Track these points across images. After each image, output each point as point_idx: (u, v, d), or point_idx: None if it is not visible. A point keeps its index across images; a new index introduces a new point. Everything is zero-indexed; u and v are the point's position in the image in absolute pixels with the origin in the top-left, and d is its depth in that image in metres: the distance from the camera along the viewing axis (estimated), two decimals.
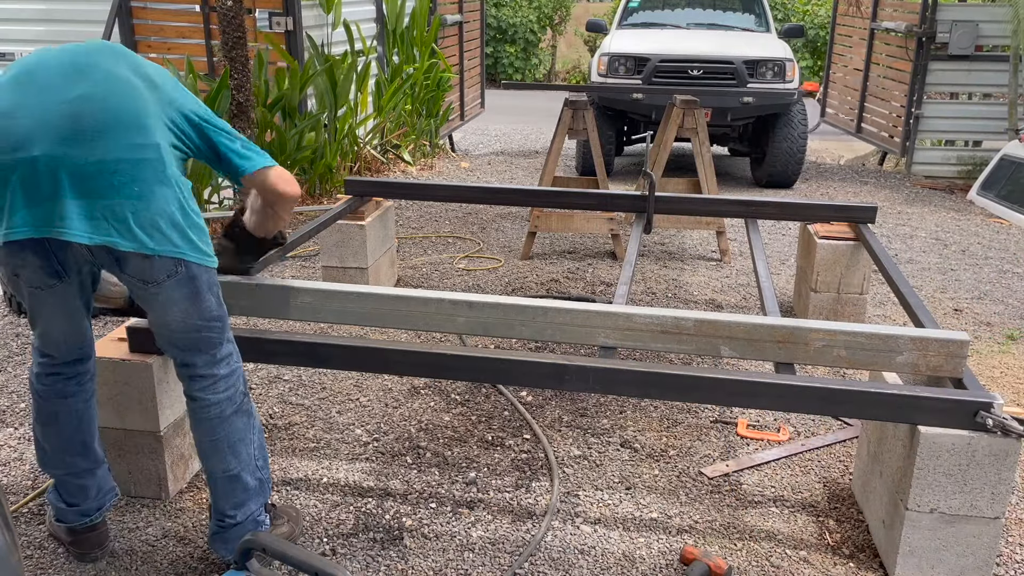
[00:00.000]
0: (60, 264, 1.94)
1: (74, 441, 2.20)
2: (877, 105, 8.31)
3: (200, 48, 6.54)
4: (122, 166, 1.81)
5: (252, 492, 2.16)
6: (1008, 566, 2.32)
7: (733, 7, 8.32)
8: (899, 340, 2.27)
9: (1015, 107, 7.19)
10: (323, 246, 4.20)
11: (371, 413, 3.11)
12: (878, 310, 4.23)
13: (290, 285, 2.62)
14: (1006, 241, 5.59)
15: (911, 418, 2.12)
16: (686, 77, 6.99)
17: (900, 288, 2.91)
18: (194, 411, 2.12)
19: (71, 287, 2.02)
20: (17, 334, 3.79)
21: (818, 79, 12.90)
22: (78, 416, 2.19)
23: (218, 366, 2.08)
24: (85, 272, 2.03)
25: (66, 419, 2.18)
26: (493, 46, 16.03)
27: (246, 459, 2.14)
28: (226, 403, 2.10)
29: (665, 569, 2.27)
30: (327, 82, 5.94)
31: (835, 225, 3.84)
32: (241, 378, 2.15)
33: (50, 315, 2.07)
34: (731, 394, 2.23)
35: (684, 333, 2.39)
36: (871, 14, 8.30)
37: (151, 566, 2.26)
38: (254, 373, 3.41)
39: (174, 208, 1.89)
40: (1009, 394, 3.31)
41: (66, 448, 2.20)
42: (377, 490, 2.62)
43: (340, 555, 2.31)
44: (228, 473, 2.13)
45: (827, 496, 2.63)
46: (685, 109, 4.91)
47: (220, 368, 2.09)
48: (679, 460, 2.81)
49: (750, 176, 7.67)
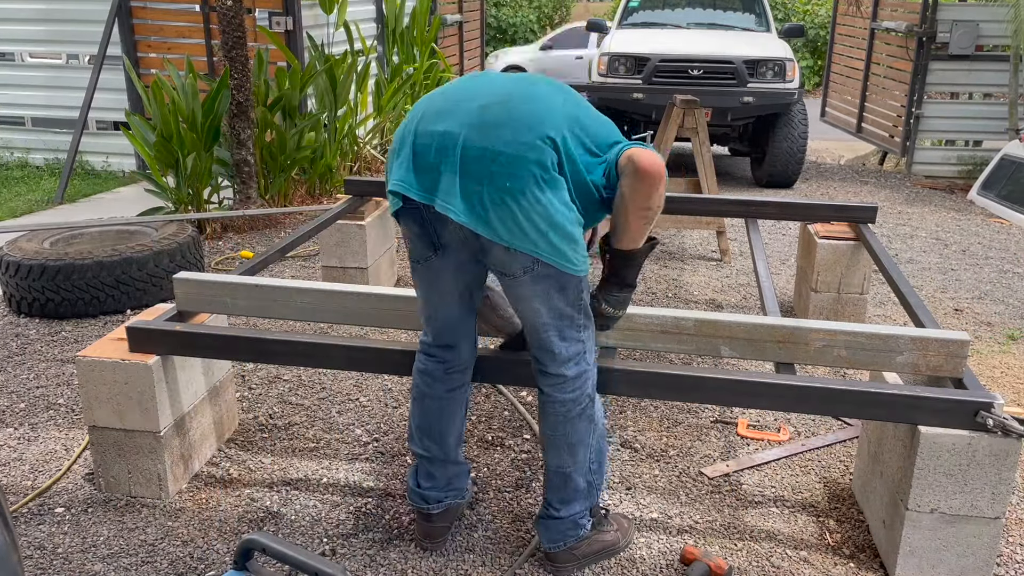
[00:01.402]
0: (437, 236, 2.02)
1: (432, 426, 2.26)
2: (877, 105, 8.31)
3: (200, 48, 6.55)
4: (502, 158, 1.85)
5: (580, 493, 2.19)
6: (1008, 566, 2.32)
7: (733, 7, 8.32)
8: (899, 340, 2.27)
9: (1015, 107, 7.18)
10: (323, 246, 4.20)
11: (371, 413, 3.11)
12: (878, 310, 4.23)
13: (290, 285, 2.62)
14: (1006, 241, 5.59)
15: (911, 418, 2.12)
16: (686, 77, 6.99)
17: (900, 288, 2.91)
18: (542, 403, 2.15)
19: (446, 264, 2.06)
20: (17, 334, 3.79)
21: (818, 79, 12.89)
22: (439, 403, 2.24)
23: (566, 367, 2.08)
24: (462, 253, 2.04)
25: (429, 402, 2.25)
26: (493, 46, 16.04)
27: (581, 461, 2.16)
28: (572, 404, 2.11)
29: (665, 569, 2.27)
30: (327, 82, 5.94)
31: (835, 225, 3.83)
32: (590, 382, 2.13)
33: (425, 291, 2.15)
34: (731, 394, 2.23)
35: (684, 333, 2.39)
36: (871, 14, 8.30)
37: (151, 566, 2.26)
38: (254, 373, 3.41)
39: (543, 212, 1.87)
40: (1009, 394, 3.31)
41: (424, 430, 2.27)
42: (377, 490, 2.62)
43: (340, 555, 2.31)
44: (561, 470, 2.17)
45: (827, 496, 2.63)
46: (685, 109, 4.90)
47: (568, 369, 2.08)
48: (679, 460, 2.80)
49: (750, 176, 7.66)
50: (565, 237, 1.91)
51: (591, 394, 2.14)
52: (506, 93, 1.95)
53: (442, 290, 2.13)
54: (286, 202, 5.84)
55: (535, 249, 1.90)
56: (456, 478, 2.33)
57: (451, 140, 1.89)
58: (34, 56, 7.50)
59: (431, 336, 2.23)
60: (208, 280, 2.64)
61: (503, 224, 1.88)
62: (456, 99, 1.97)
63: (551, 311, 2.01)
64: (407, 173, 1.95)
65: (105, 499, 2.56)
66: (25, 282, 3.88)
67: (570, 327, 2.05)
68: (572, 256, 1.94)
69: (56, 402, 3.17)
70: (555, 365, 2.08)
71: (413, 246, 2.08)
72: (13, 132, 7.52)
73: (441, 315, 2.18)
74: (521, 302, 2.04)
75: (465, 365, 2.26)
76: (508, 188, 1.85)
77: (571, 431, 2.12)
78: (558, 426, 2.12)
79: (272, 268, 4.64)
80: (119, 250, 3.98)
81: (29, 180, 6.95)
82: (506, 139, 1.86)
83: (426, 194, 1.93)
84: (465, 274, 2.11)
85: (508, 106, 1.91)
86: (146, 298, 4.01)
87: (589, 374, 2.13)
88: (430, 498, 2.29)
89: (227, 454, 2.81)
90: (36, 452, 2.83)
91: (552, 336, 2.05)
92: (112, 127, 7.29)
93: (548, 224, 1.88)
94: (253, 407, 3.14)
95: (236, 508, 2.52)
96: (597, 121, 2.03)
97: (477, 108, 1.92)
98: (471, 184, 1.87)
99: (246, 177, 5.43)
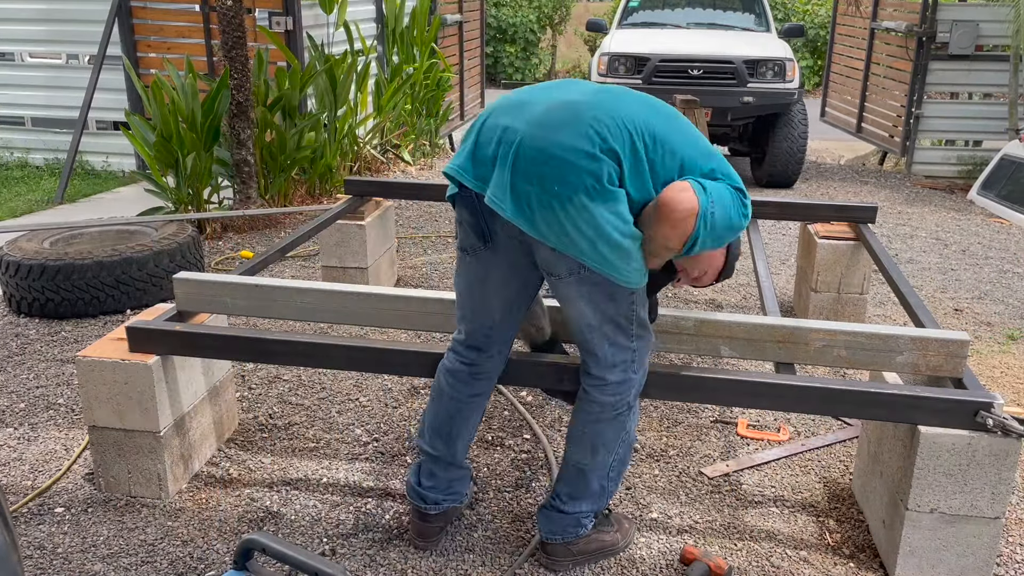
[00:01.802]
0: (488, 227, 2.01)
1: (444, 427, 2.25)
2: (877, 105, 8.31)
3: (200, 48, 6.55)
4: (554, 162, 1.84)
5: (590, 494, 2.19)
6: (1008, 566, 2.32)
7: (733, 7, 8.32)
8: (899, 340, 2.27)
9: (1015, 107, 7.18)
10: (323, 246, 4.20)
11: (371, 413, 3.11)
12: (878, 310, 4.23)
13: (290, 285, 2.62)
14: (1006, 241, 5.59)
15: (911, 418, 2.12)
16: (686, 77, 6.99)
17: (900, 288, 2.91)
18: (579, 399, 2.15)
19: (497, 261, 2.05)
20: (17, 334, 3.79)
21: (818, 79, 12.89)
22: (458, 406, 2.23)
23: (610, 371, 2.07)
24: (514, 250, 2.02)
25: (448, 403, 2.24)
26: (493, 46, 16.03)
27: (600, 464, 2.15)
28: (608, 408, 2.10)
29: (665, 569, 2.27)
30: (327, 82, 5.94)
31: (835, 225, 3.83)
32: (633, 390, 2.11)
33: (467, 284, 2.13)
34: (731, 394, 2.23)
35: (684, 333, 2.39)
36: (871, 14, 8.30)
37: (151, 566, 2.26)
38: (254, 373, 3.41)
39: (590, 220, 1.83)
40: (1009, 394, 3.31)
41: (436, 429, 2.26)
42: (377, 490, 2.62)
43: (340, 555, 2.31)
44: (579, 465, 2.16)
45: (827, 496, 2.63)
46: (685, 109, 4.91)
47: (612, 374, 2.07)
48: (679, 460, 2.80)
49: (750, 176, 7.66)
50: (615, 249, 1.86)
51: (631, 403, 2.13)
52: (580, 98, 1.92)
53: (487, 288, 2.10)
54: (286, 202, 5.84)
55: (580, 255, 1.87)
56: (457, 482, 2.33)
57: (511, 136, 1.89)
58: (34, 56, 7.50)
59: (464, 334, 2.20)
60: (208, 280, 2.64)
61: (548, 227, 1.86)
62: (532, 98, 1.96)
63: (597, 314, 1.99)
64: (466, 160, 1.96)
65: (105, 499, 2.56)
66: (25, 282, 3.88)
67: (620, 334, 2.03)
68: (622, 268, 1.89)
69: (56, 402, 3.17)
70: (598, 368, 2.08)
71: (464, 234, 2.07)
72: (13, 132, 7.52)
73: (479, 315, 2.15)
74: (566, 303, 2.03)
75: (492, 373, 2.24)
76: (556, 192, 1.83)
77: (598, 433, 2.12)
78: (587, 424, 2.12)
79: (272, 268, 4.64)
80: (119, 250, 3.98)
81: (29, 180, 6.95)
82: (563, 144, 1.84)
83: (480, 183, 1.94)
84: (516, 278, 2.08)
85: (574, 111, 1.88)
86: (146, 298, 4.01)
87: (634, 383, 2.11)
88: (428, 498, 2.29)
89: (227, 454, 2.81)
90: (36, 452, 2.83)
91: (596, 339, 2.03)
92: (112, 127, 7.29)
93: (596, 234, 1.84)
94: (253, 407, 3.14)
95: (236, 508, 2.52)
96: (687, 140, 1.94)
97: (544, 109, 1.90)
98: (522, 183, 1.86)
99: (246, 177, 5.43)
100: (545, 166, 1.84)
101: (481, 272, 2.09)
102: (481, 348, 2.20)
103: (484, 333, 2.18)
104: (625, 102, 1.93)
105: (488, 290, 2.11)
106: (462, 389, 2.23)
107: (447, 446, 2.26)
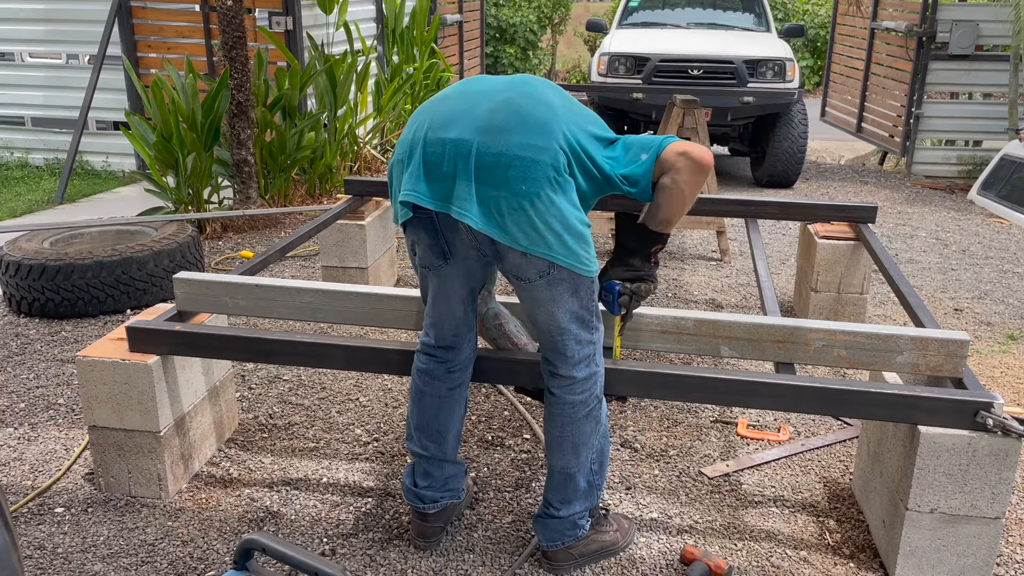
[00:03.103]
0: (447, 245, 2.04)
1: (431, 425, 2.26)
2: (877, 105, 8.31)
3: (200, 48, 6.55)
4: (517, 163, 1.87)
5: (581, 493, 2.20)
6: (1008, 566, 2.32)
7: (733, 7, 8.32)
8: (899, 340, 2.27)
9: (1015, 107, 7.18)
10: (323, 246, 4.20)
11: (371, 413, 3.11)
12: (878, 310, 4.23)
13: (290, 285, 2.62)
14: (1006, 241, 5.59)
15: (911, 418, 2.12)
16: (686, 77, 6.99)
17: (900, 288, 2.91)
18: (550, 404, 2.15)
19: (456, 270, 2.09)
20: (17, 334, 3.79)
21: (818, 79, 12.89)
22: (439, 401, 2.25)
23: (576, 368, 2.09)
24: (472, 259, 2.07)
25: (429, 400, 2.25)
26: (493, 46, 16.02)
27: (584, 461, 2.16)
28: (580, 406, 2.11)
29: (665, 569, 2.27)
30: (327, 82, 5.94)
31: (835, 225, 3.83)
32: (599, 384, 2.15)
33: (434, 295, 2.17)
34: (731, 394, 2.23)
35: (684, 333, 2.39)
36: (871, 14, 8.30)
37: (151, 566, 2.26)
38: (254, 373, 3.41)
39: (558, 214, 1.90)
40: (1009, 394, 3.31)
41: (423, 429, 2.27)
42: (377, 490, 2.62)
43: (340, 555, 2.31)
44: (565, 471, 2.17)
45: (827, 496, 2.63)
46: (685, 109, 4.90)
47: (578, 371, 2.09)
48: (679, 460, 2.80)
49: (750, 176, 7.66)
50: (578, 238, 1.93)
51: (599, 395, 2.16)
52: (509, 96, 1.96)
53: (449, 295, 2.14)
54: (286, 202, 5.85)
55: (550, 253, 1.91)
56: (453, 478, 2.33)
57: (464, 148, 1.90)
58: (34, 56, 7.50)
59: (433, 338, 2.23)
60: (208, 280, 2.64)
61: (519, 229, 1.89)
62: (461, 106, 1.97)
63: (566, 314, 2.03)
64: (418, 182, 1.95)
65: (105, 499, 2.56)
66: (25, 282, 3.88)
67: (584, 329, 2.07)
68: (584, 257, 1.96)
69: (56, 402, 3.17)
70: (566, 367, 2.09)
71: (423, 254, 2.09)
72: (13, 132, 7.52)
73: (446, 319, 2.19)
74: (537, 306, 2.05)
75: (465, 364, 2.27)
76: (524, 192, 1.87)
77: (577, 432, 2.13)
78: (564, 427, 2.13)
79: (272, 268, 4.64)
80: (119, 250, 3.98)
81: (29, 180, 6.95)
82: (520, 143, 1.88)
83: (440, 202, 1.94)
84: (472, 279, 2.13)
85: (515, 109, 1.92)
86: (146, 298, 4.01)
87: (598, 376, 2.14)
88: (426, 497, 2.29)
89: (227, 454, 2.81)
90: (36, 452, 2.83)
91: (567, 339, 2.06)
92: (112, 127, 7.30)
93: (563, 226, 1.90)
94: (253, 407, 3.14)
95: (236, 508, 2.52)
96: (589, 115, 2.06)
97: (486, 113, 1.93)
98: (487, 190, 1.89)
99: (246, 177, 5.43)
100: (509, 168, 1.87)
101: (444, 285, 2.13)
102: (451, 346, 2.23)
103: (452, 333, 2.21)
104: (547, 93, 2.00)
105: (452, 298, 2.15)
106: (439, 385, 2.24)
107: (437, 444, 2.27)
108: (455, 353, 2.24)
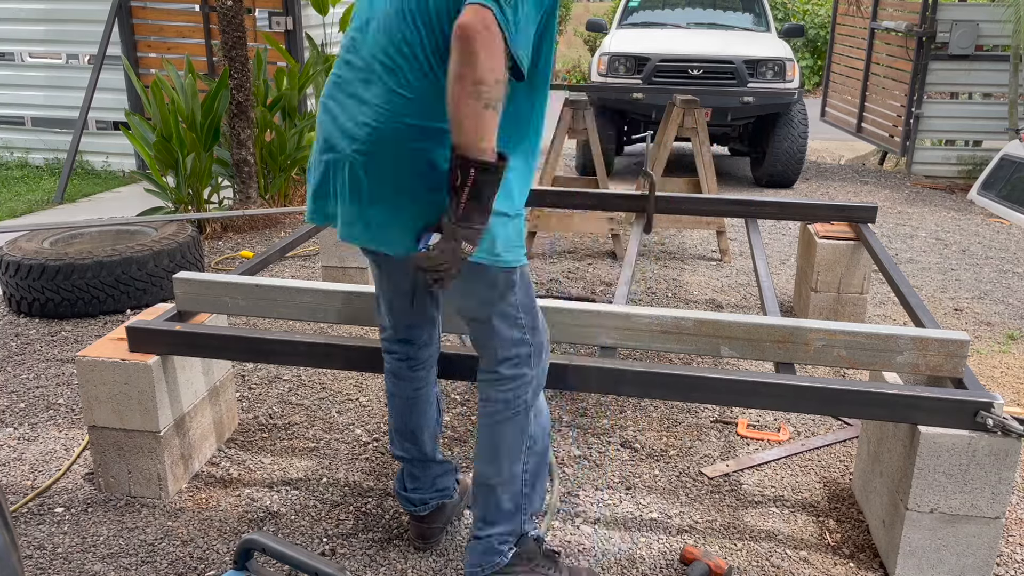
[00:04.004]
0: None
1: (406, 427, 2.23)
2: (877, 105, 8.31)
3: (200, 48, 6.55)
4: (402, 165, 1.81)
5: (503, 515, 2.02)
6: (1008, 566, 2.32)
7: (733, 7, 8.32)
8: (899, 340, 2.27)
9: (1015, 107, 7.18)
10: (323, 246, 4.20)
11: (371, 413, 3.11)
12: (878, 310, 4.23)
13: (290, 285, 2.62)
14: (1006, 241, 5.59)
15: (911, 418, 2.12)
16: (686, 77, 6.99)
17: (900, 288, 2.91)
18: (479, 400, 2.05)
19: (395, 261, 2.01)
20: (17, 334, 3.79)
21: (818, 79, 12.89)
22: (408, 403, 2.21)
23: (502, 365, 1.98)
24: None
25: (399, 403, 2.22)
26: None
27: (508, 476, 2.00)
28: (503, 406, 1.98)
29: (665, 569, 2.27)
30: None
31: (835, 225, 3.83)
32: (530, 389, 2.00)
33: (379, 282, 2.15)
34: (731, 394, 2.23)
35: (684, 333, 2.39)
36: (871, 14, 8.30)
37: (151, 566, 2.26)
38: (254, 373, 3.42)
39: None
40: (1009, 394, 3.31)
41: (399, 431, 2.24)
42: (377, 490, 2.62)
43: (340, 555, 2.31)
44: (485, 482, 2.02)
45: (827, 496, 2.63)
46: (685, 109, 4.90)
47: (504, 368, 1.98)
48: (679, 460, 2.80)
49: (750, 176, 7.66)
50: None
51: (528, 402, 2.01)
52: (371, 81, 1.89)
53: (394, 286, 2.11)
54: (286, 202, 5.85)
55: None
56: (440, 478, 2.31)
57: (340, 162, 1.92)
58: (34, 56, 7.50)
59: (390, 329, 2.19)
60: (208, 280, 2.64)
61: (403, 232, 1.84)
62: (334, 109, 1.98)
63: (483, 306, 1.93)
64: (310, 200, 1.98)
65: (105, 499, 2.56)
66: (25, 282, 3.88)
67: (511, 326, 1.95)
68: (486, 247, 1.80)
69: (56, 402, 3.17)
70: (490, 363, 2.00)
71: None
72: (13, 132, 7.52)
73: (395, 310, 2.15)
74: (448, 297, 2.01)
75: (428, 362, 2.23)
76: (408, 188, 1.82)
77: (499, 438, 1.99)
78: (486, 428, 2.02)
79: (272, 268, 4.64)
80: (119, 250, 3.98)
81: (29, 180, 6.95)
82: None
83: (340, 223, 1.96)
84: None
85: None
86: (146, 298, 4.01)
87: (529, 379, 1.99)
88: (416, 500, 2.28)
89: (227, 454, 2.81)
90: (36, 452, 2.83)
91: (486, 332, 1.97)
92: (112, 127, 7.30)
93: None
94: (253, 407, 3.14)
95: (236, 508, 2.52)
96: None
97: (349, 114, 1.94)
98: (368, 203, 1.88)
99: (246, 177, 5.43)
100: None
101: (384, 275, 2.11)
102: (410, 339, 2.18)
103: (406, 324, 2.16)
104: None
105: (396, 287, 2.11)
106: (405, 387, 2.22)
107: (414, 445, 2.25)
108: (415, 348, 2.18)
